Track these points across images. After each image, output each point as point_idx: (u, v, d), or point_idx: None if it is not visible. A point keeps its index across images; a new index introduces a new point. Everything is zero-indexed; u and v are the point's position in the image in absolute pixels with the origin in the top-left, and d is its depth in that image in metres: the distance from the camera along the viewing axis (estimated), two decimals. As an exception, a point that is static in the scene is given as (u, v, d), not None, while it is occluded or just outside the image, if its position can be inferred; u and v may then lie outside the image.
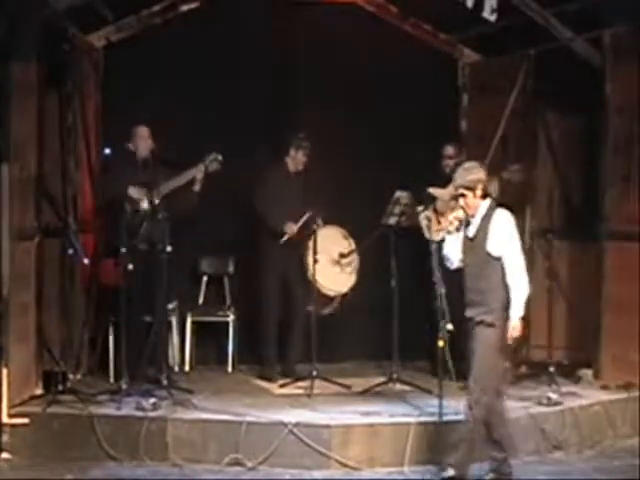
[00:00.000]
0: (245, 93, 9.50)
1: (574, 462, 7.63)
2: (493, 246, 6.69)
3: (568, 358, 9.08)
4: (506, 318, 6.63)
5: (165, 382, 8.02)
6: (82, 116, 8.72)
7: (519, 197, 9.47)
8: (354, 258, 8.97)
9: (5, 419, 7.42)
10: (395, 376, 8.49)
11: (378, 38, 9.63)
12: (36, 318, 7.97)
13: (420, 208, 8.02)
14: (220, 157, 8.47)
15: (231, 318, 9.42)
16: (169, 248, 7.95)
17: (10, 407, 7.46)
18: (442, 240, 6.98)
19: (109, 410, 7.60)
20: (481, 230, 6.76)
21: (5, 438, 7.40)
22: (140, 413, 7.51)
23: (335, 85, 9.56)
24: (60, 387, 7.80)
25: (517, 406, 7.94)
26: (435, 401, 6.99)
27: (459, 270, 6.88)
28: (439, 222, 8.98)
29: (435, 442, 7.16)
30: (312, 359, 8.47)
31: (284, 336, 9.04)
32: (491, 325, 6.62)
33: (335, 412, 7.70)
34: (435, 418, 7.08)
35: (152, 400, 7.64)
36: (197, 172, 8.49)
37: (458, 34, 10.05)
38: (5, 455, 7.39)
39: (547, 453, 7.76)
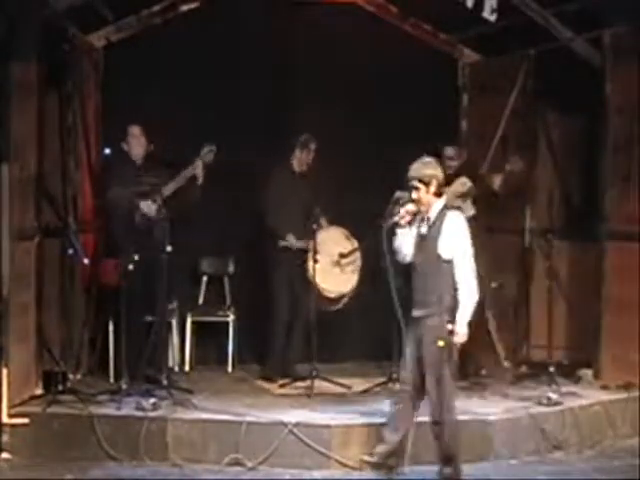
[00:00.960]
0: (245, 93, 9.50)
1: (574, 462, 7.63)
2: (444, 248, 6.62)
3: (568, 358, 9.08)
4: (453, 322, 6.56)
5: (165, 382, 8.02)
6: (82, 116, 8.72)
7: (519, 196, 9.50)
8: (355, 258, 8.96)
9: (5, 419, 7.42)
10: (395, 376, 8.47)
11: (378, 38, 9.63)
12: (36, 318, 7.97)
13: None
14: (214, 147, 8.46)
15: (231, 318, 9.43)
16: (169, 248, 7.96)
17: (10, 407, 7.46)
18: (393, 230, 6.87)
19: (109, 410, 7.60)
20: (433, 230, 6.69)
21: (5, 438, 7.41)
22: (140, 413, 7.51)
23: (335, 85, 9.56)
24: (60, 387, 7.80)
25: (517, 406, 7.95)
26: (435, 401, 6.98)
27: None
28: None
29: (435, 442, 7.15)
30: (312, 359, 8.47)
31: (286, 336, 9.03)
32: (440, 328, 6.54)
33: (335, 412, 7.71)
34: (435, 418, 7.08)
35: (152, 400, 7.64)
36: (196, 168, 8.49)
37: (458, 34, 10.06)
38: (5, 455, 7.39)
39: (547, 453, 7.76)
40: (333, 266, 8.91)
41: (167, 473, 7.20)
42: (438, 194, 6.76)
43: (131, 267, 7.93)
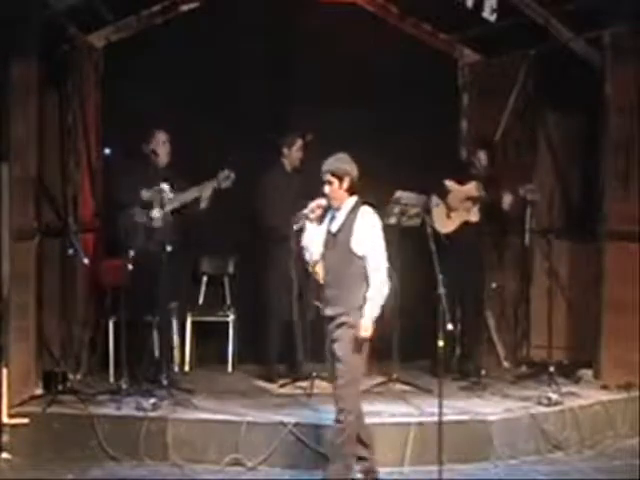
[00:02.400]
0: (245, 93, 9.50)
1: (574, 462, 7.64)
2: (357, 244, 6.52)
3: (568, 358, 9.08)
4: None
5: (165, 382, 8.03)
6: (82, 116, 8.72)
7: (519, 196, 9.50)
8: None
9: (5, 419, 7.42)
10: (395, 376, 8.49)
11: (378, 38, 9.62)
12: (36, 318, 7.97)
13: (434, 201, 7.94)
14: (233, 175, 8.42)
15: (231, 318, 9.42)
16: (169, 248, 7.96)
17: (10, 407, 7.47)
18: (301, 230, 6.77)
19: (109, 410, 7.61)
20: (345, 226, 6.57)
21: (5, 438, 7.42)
22: (140, 413, 7.52)
23: (335, 85, 9.55)
24: (60, 387, 7.81)
25: (517, 406, 7.95)
26: (435, 401, 6.98)
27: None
28: (449, 216, 9.03)
29: (435, 442, 7.15)
30: (312, 359, 8.47)
31: (291, 336, 9.02)
32: (353, 327, 6.48)
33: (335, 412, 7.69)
34: (435, 418, 7.07)
35: (152, 400, 7.65)
36: (208, 189, 8.43)
37: (458, 34, 10.05)
38: (5, 455, 7.39)
39: (547, 453, 7.76)
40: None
41: (167, 473, 7.20)
42: (351, 191, 6.64)
43: (131, 267, 7.93)
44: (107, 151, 8.57)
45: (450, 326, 6.59)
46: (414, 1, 9.57)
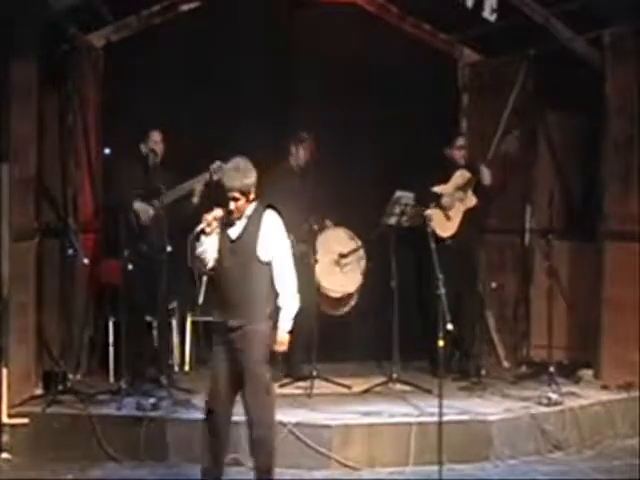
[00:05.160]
0: (245, 93, 9.49)
1: (574, 462, 7.63)
2: (262, 249, 6.25)
3: (568, 358, 9.08)
4: (273, 328, 6.28)
5: (165, 382, 8.03)
6: (82, 116, 8.72)
7: (519, 196, 9.51)
8: (358, 257, 8.96)
9: (5, 419, 7.42)
10: (395, 376, 8.49)
11: (378, 38, 9.62)
12: (36, 318, 7.98)
13: (428, 211, 7.92)
14: (224, 166, 8.38)
15: (231, 318, 9.41)
16: (169, 248, 7.96)
17: (10, 407, 7.47)
18: (197, 237, 6.33)
19: (109, 410, 7.61)
20: (247, 232, 6.28)
21: (5, 438, 7.42)
22: (140, 413, 7.52)
23: (335, 85, 9.55)
24: (60, 387, 7.81)
25: (517, 406, 7.95)
26: (435, 401, 6.99)
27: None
28: (448, 218, 9.03)
29: (435, 442, 7.15)
30: (312, 359, 8.47)
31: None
32: (261, 335, 6.24)
33: (335, 412, 7.70)
34: (435, 418, 7.07)
35: (152, 400, 7.65)
36: (202, 181, 8.39)
37: (458, 34, 10.06)
38: (5, 455, 7.39)
39: (547, 453, 7.76)
40: (334, 266, 8.91)
41: (167, 473, 7.20)
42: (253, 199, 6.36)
43: (130, 267, 7.93)
44: (107, 151, 8.56)
45: (450, 326, 6.59)
46: (414, 1, 9.58)
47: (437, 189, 9.06)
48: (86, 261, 8.10)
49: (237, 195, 6.26)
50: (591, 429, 8.04)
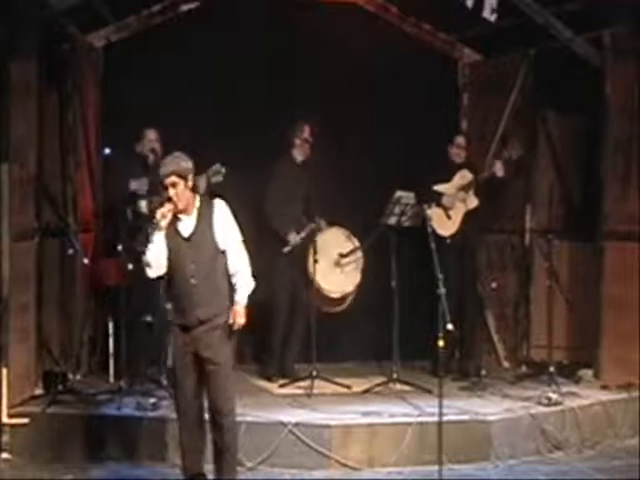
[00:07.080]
0: (245, 93, 9.49)
1: (574, 462, 7.64)
2: (220, 238, 6.33)
3: (568, 358, 9.08)
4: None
5: (165, 382, 8.03)
6: (82, 116, 8.72)
7: (519, 196, 9.51)
8: (357, 257, 8.95)
9: (5, 419, 7.42)
10: (395, 376, 8.50)
11: (378, 38, 9.62)
12: (36, 318, 7.97)
13: (429, 211, 7.91)
14: (223, 169, 8.37)
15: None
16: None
17: (10, 407, 7.46)
18: (152, 233, 6.34)
19: (109, 410, 7.60)
20: (202, 225, 6.34)
21: (5, 438, 7.41)
22: (140, 413, 7.51)
23: (335, 85, 9.55)
24: (60, 387, 7.81)
25: (517, 406, 7.95)
26: (435, 401, 6.99)
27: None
28: (449, 217, 9.04)
29: (435, 442, 7.15)
30: (312, 359, 8.47)
31: (285, 336, 9.02)
32: (225, 328, 6.32)
33: (335, 412, 7.70)
34: (435, 418, 7.08)
35: (152, 400, 7.64)
36: (199, 183, 8.38)
37: (458, 34, 10.06)
38: (5, 455, 7.39)
39: (547, 453, 7.77)
40: (334, 267, 8.91)
41: (167, 473, 7.19)
42: (193, 188, 6.41)
43: (131, 267, 7.93)
44: (107, 151, 8.56)
45: (450, 326, 6.58)
46: (414, 1, 9.57)
47: (439, 187, 9.06)
48: (86, 261, 8.10)
49: (175, 179, 6.28)
50: (591, 429, 8.05)
